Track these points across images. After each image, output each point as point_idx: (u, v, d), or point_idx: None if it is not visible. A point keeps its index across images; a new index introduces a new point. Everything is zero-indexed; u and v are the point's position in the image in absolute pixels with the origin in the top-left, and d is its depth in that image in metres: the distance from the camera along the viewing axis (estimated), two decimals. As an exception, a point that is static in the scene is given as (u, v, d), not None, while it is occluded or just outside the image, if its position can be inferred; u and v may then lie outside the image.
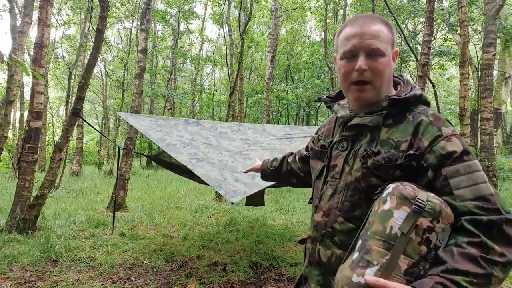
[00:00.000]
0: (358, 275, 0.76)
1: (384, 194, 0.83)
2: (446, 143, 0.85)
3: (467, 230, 0.76)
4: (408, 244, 0.76)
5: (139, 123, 3.52)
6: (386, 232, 0.78)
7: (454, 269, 0.72)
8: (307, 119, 18.13)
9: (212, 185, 2.71)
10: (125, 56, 14.71)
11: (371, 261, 0.77)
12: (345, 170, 0.99)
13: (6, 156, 10.40)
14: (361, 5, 11.86)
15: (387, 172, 0.89)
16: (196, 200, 7.76)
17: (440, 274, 0.73)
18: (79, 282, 3.02)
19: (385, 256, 0.76)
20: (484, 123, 6.11)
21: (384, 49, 0.94)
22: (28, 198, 4.31)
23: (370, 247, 0.78)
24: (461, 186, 0.81)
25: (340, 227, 0.96)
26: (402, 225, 0.77)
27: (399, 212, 0.78)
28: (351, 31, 0.96)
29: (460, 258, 0.73)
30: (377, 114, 0.95)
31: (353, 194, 0.95)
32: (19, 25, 5.49)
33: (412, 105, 0.95)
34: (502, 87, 10.59)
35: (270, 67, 10.24)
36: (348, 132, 1.02)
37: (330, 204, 1.00)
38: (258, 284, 3.21)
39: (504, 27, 7.13)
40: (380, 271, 0.75)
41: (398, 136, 0.91)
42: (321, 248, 1.00)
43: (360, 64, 0.93)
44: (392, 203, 0.80)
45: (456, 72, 18.10)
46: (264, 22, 18.61)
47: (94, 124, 23.33)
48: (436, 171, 0.84)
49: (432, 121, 0.89)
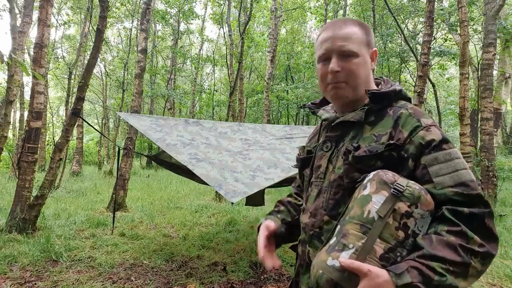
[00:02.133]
0: (333, 258, 0.76)
1: (365, 181, 0.84)
2: (425, 132, 0.86)
3: (447, 219, 0.76)
4: (385, 228, 0.75)
5: (139, 123, 3.52)
6: (364, 216, 0.78)
7: (431, 255, 0.72)
8: (307, 119, 18.11)
9: (212, 185, 2.71)
10: (125, 56, 14.70)
11: (347, 244, 0.77)
12: (329, 169, 0.99)
13: (6, 156, 10.40)
14: (361, 5, 11.87)
15: (368, 164, 0.89)
16: (196, 200, 7.76)
17: (416, 259, 0.73)
18: (79, 282, 3.02)
19: (361, 240, 0.76)
20: (484, 123, 6.11)
21: (357, 49, 0.95)
22: (28, 198, 4.31)
23: (347, 231, 0.79)
24: (440, 173, 0.81)
25: (326, 226, 0.95)
26: (379, 209, 0.77)
27: (378, 197, 0.78)
28: (324, 36, 0.99)
29: (438, 245, 0.73)
30: (359, 109, 0.97)
31: (336, 192, 0.95)
32: (19, 25, 5.50)
33: (392, 100, 0.97)
34: (502, 87, 10.60)
35: (270, 67, 10.24)
36: (332, 132, 1.03)
37: (316, 205, 1.00)
38: (258, 284, 3.21)
39: (504, 27, 7.13)
40: (356, 254, 0.75)
41: (379, 130, 0.92)
42: (310, 249, 0.99)
43: (332, 66, 0.95)
44: (372, 188, 0.80)
45: (456, 72, 18.11)
46: (264, 22, 18.61)
47: (94, 124, 23.33)
48: (416, 160, 0.84)
49: (412, 113, 0.91)
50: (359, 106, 0.99)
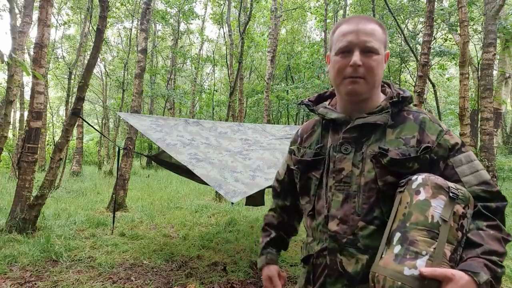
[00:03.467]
0: (410, 268, 0.76)
1: (414, 185, 0.85)
2: (448, 136, 0.94)
3: (484, 215, 0.85)
4: (449, 231, 0.80)
5: (139, 123, 3.52)
6: (429, 222, 0.80)
7: (490, 250, 0.79)
8: (307, 119, 18.10)
9: (212, 185, 2.71)
10: (125, 56, 14.71)
11: (419, 251, 0.77)
12: (355, 173, 0.96)
13: (6, 156, 10.39)
14: (361, 5, 11.86)
15: (404, 167, 0.91)
16: (196, 200, 7.76)
17: (480, 255, 0.78)
18: (79, 282, 3.02)
19: (431, 245, 0.77)
20: (484, 123, 6.10)
21: (378, 47, 0.96)
22: (28, 198, 4.31)
23: (414, 237, 0.79)
24: (466, 173, 0.90)
25: (362, 232, 0.93)
26: (443, 213, 0.80)
27: (437, 201, 0.81)
28: (347, 28, 0.97)
29: (489, 239, 0.81)
30: (384, 112, 0.97)
31: (370, 196, 0.94)
32: (19, 25, 5.49)
33: (405, 104, 1.01)
34: (502, 87, 10.59)
35: (270, 67, 10.25)
36: (349, 134, 1.00)
37: (346, 210, 0.96)
38: (258, 284, 3.21)
39: (504, 27, 7.12)
40: (431, 260, 0.76)
41: (405, 134, 0.95)
42: (343, 258, 0.94)
43: (355, 59, 0.94)
44: (427, 193, 0.82)
45: (456, 72, 18.11)
46: (264, 22, 18.60)
47: (94, 124, 23.33)
48: (445, 162, 0.92)
49: (431, 119, 0.97)
50: (373, 107, 1.00)
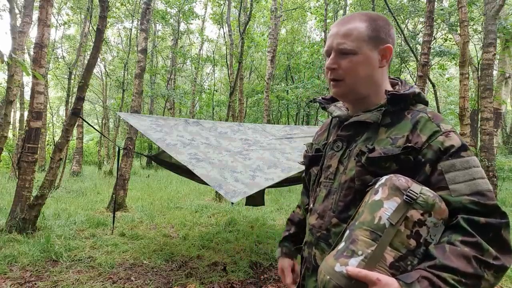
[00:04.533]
0: (341, 265, 0.74)
1: (377, 185, 0.81)
2: (444, 138, 0.83)
3: (462, 229, 0.74)
4: (396, 236, 0.73)
5: (139, 123, 3.52)
6: (374, 222, 0.75)
7: (443, 266, 0.70)
8: (307, 119, 18.10)
9: (212, 185, 2.70)
10: (125, 56, 14.71)
11: (356, 251, 0.74)
12: (339, 170, 0.96)
13: (6, 156, 10.40)
14: (361, 5, 11.86)
15: (382, 166, 0.86)
16: (196, 200, 7.76)
17: (427, 269, 0.71)
18: (79, 282, 3.02)
19: (370, 247, 0.73)
20: (484, 123, 6.10)
21: (355, 47, 0.92)
22: (28, 198, 4.31)
23: (357, 237, 0.76)
24: (456, 181, 0.79)
25: (334, 228, 0.92)
26: (391, 216, 0.74)
27: (390, 203, 0.76)
28: (331, 31, 0.99)
29: (451, 255, 0.71)
30: (376, 110, 0.94)
31: (347, 194, 0.92)
32: (19, 25, 5.50)
33: (410, 103, 0.94)
34: (502, 87, 10.59)
35: (270, 67, 10.25)
36: (344, 131, 1.00)
37: (325, 206, 0.97)
38: (258, 284, 3.21)
39: (504, 27, 7.12)
40: (364, 262, 0.72)
41: (396, 133, 0.89)
42: (317, 252, 0.96)
43: (327, 63, 0.97)
44: (384, 193, 0.78)
45: (456, 72, 18.11)
46: (264, 22, 18.60)
47: (94, 124, 23.33)
48: (433, 166, 0.82)
49: (431, 118, 0.88)
50: (373, 105, 0.96)
